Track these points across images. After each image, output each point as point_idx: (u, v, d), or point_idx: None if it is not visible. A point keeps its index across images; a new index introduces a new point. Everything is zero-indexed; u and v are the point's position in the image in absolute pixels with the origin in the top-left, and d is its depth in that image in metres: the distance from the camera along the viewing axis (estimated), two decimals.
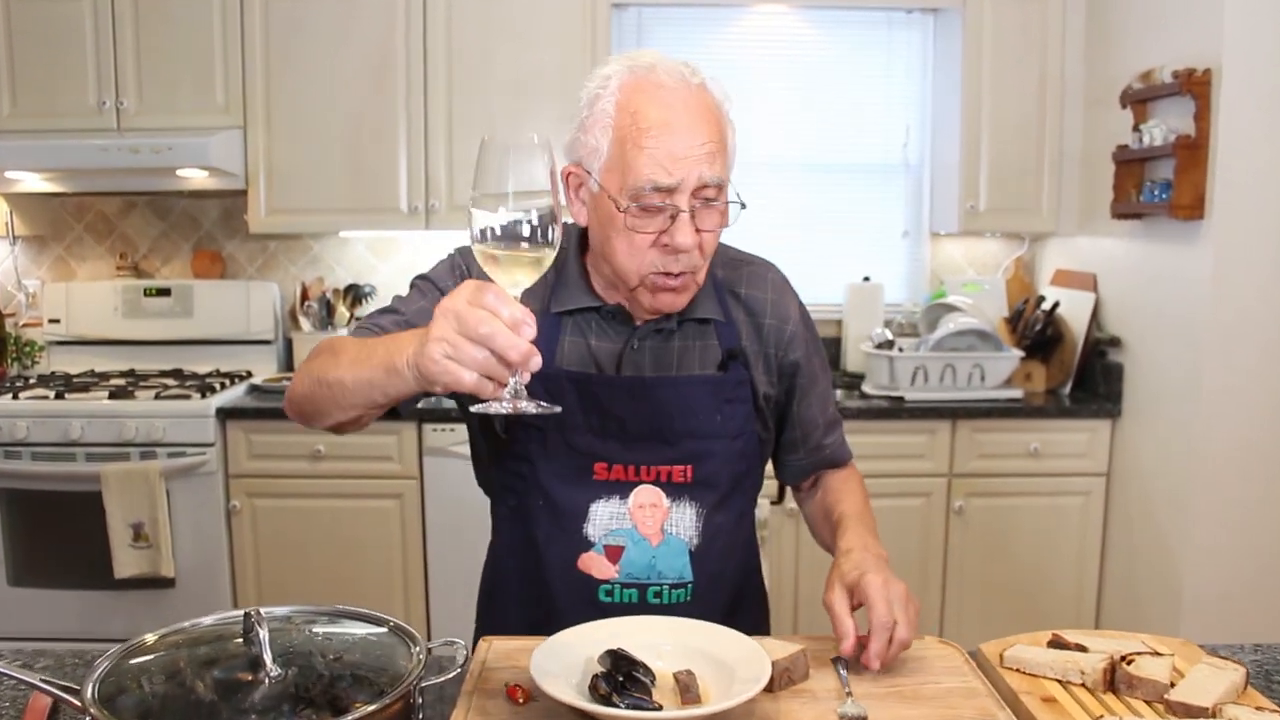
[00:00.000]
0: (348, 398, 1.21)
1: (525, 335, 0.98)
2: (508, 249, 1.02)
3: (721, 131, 1.35)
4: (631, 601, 1.42)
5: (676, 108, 1.31)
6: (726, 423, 1.45)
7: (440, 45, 3.34)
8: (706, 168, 1.30)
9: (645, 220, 1.31)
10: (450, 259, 1.54)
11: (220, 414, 3.14)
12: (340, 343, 1.30)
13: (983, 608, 3.31)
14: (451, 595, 3.25)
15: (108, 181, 3.38)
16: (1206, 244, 2.78)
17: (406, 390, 1.12)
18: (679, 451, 1.43)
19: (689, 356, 1.46)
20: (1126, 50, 3.17)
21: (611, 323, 1.46)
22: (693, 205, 1.31)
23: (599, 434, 1.42)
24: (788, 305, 1.53)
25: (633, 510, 1.43)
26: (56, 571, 3.16)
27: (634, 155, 1.30)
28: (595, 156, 1.35)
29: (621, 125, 1.32)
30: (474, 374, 0.99)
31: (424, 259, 3.75)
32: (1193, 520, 2.89)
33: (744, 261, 1.56)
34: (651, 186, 1.29)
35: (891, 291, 3.83)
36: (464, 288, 1.00)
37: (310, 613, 1.25)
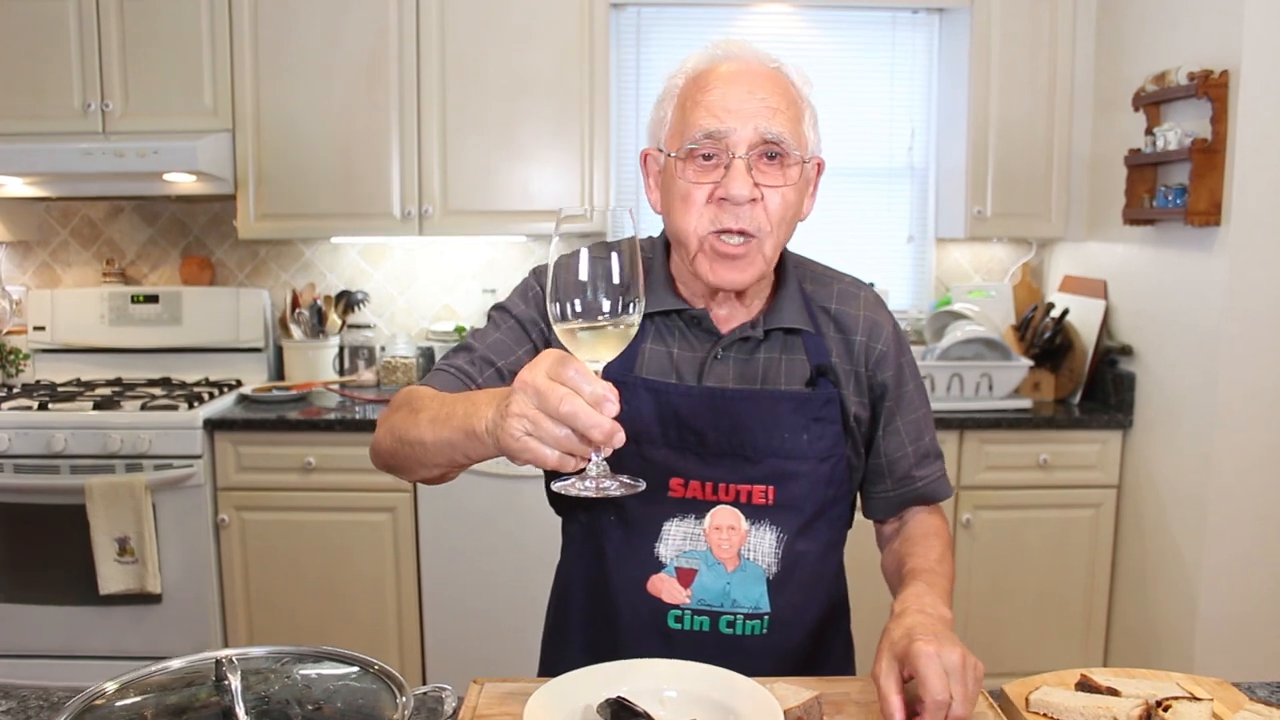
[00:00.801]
0: (430, 457, 1.17)
1: (608, 412, 0.94)
2: (588, 324, 1.00)
3: (791, 101, 1.32)
4: (703, 629, 1.34)
5: (742, 72, 1.30)
6: (814, 443, 1.36)
7: (433, 47, 3.26)
8: (765, 120, 1.27)
9: (701, 171, 1.28)
10: (524, 282, 1.46)
11: (208, 425, 3.06)
12: (419, 396, 1.24)
13: (992, 623, 3.23)
14: (446, 610, 3.16)
15: (93, 186, 3.29)
16: (1223, 251, 2.70)
17: (488, 455, 1.08)
18: (761, 470, 1.35)
19: (775, 370, 1.38)
20: (1139, 51, 3.10)
21: (695, 329, 1.39)
22: (749, 157, 1.27)
23: (676, 447, 1.35)
24: (881, 323, 1.44)
25: (709, 531, 1.34)
26: (39, 587, 3.07)
27: (691, 111, 1.29)
28: (662, 127, 1.35)
29: (685, 90, 1.33)
30: (556, 452, 0.96)
31: (418, 265, 3.69)
32: (1207, 534, 2.81)
33: (834, 278, 1.48)
34: (703, 133, 1.27)
35: (896, 298, 3.75)
36: (544, 360, 0.97)
37: (289, 654, 1.16)
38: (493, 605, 3.13)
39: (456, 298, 3.73)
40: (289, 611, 3.16)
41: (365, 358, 3.65)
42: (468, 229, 3.38)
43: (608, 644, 1.38)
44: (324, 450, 3.08)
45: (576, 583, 1.46)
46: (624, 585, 1.37)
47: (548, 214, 3.35)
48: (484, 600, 3.14)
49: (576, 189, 3.34)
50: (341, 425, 3.09)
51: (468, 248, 3.70)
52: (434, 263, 3.72)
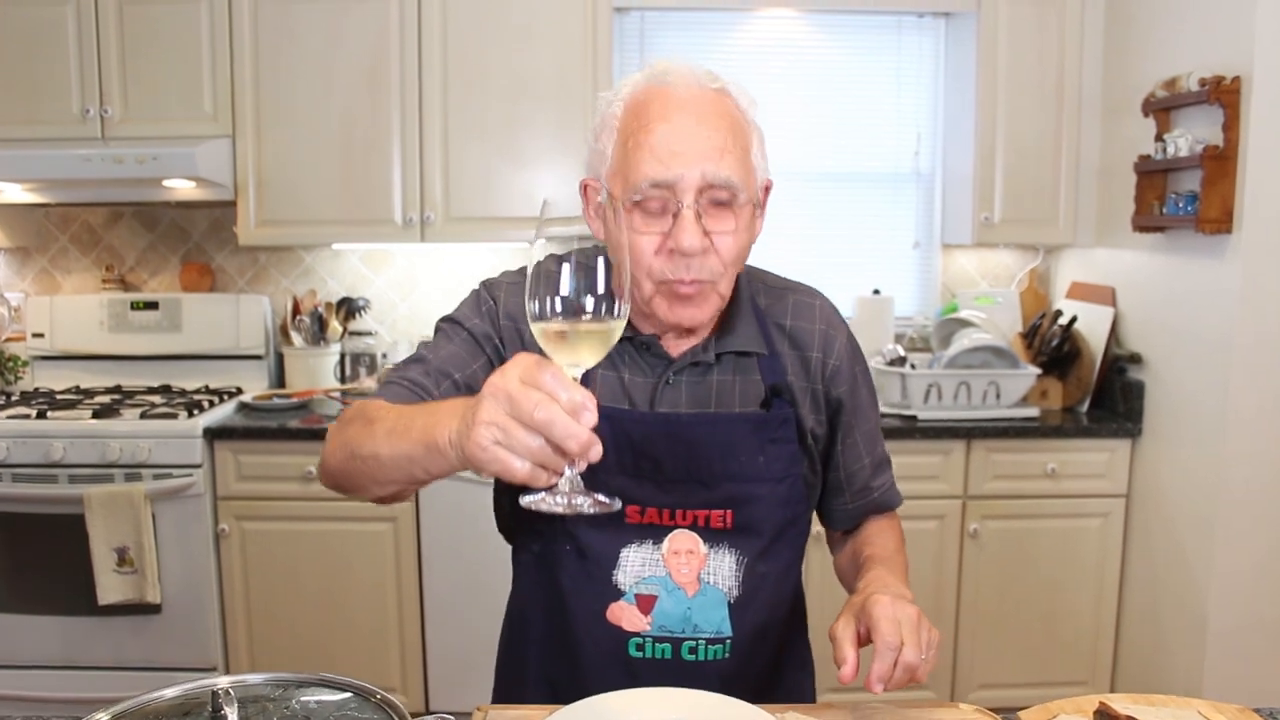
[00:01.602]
0: (385, 473, 1.10)
1: (586, 422, 0.87)
2: (569, 323, 0.93)
3: (737, 132, 1.25)
4: (664, 657, 1.31)
5: (685, 104, 1.23)
6: (770, 464, 1.33)
7: (435, 53, 3.23)
8: (712, 164, 1.20)
9: (648, 220, 1.23)
10: (475, 295, 1.42)
11: (208, 434, 3.03)
12: (374, 409, 1.15)
13: (999, 634, 3.20)
14: (447, 620, 3.13)
15: (92, 192, 3.26)
16: (1235, 259, 2.67)
17: (449, 469, 1.00)
18: (718, 495, 1.32)
19: (729, 392, 1.35)
20: (1148, 56, 3.06)
21: (645, 355, 1.35)
22: (699, 204, 1.21)
23: (632, 475, 1.31)
24: (834, 336, 1.42)
25: (667, 556, 1.31)
26: (38, 597, 3.04)
27: (634, 152, 1.23)
28: (602, 162, 1.29)
29: (625, 125, 1.26)
30: (527, 463, 0.88)
31: (419, 271, 3.66)
32: (1217, 544, 2.77)
33: (788, 290, 1.44)
34: (649, 183, 1.21)
35: (902, 304, 3.72)
36: (516, 363, 0.89)
37: (287, 681, 1.14)
38: (496, 616, 3.09)
39: None
40: (290, 623, 3.13)
41: (367, 365, 3.62)
42: (469, 236, 3.35)
43: (567, 675, 1.35)
44: None
45: (532, 615, 1.42)
46: (582, 615, 1.33)
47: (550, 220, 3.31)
48: (487, 611, 3.10)
49: (579, 195, 3.30)
50: None
51: (470, 254, 3.67)
52: (436, 269, 3.69)
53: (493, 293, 1.40)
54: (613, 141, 1.27)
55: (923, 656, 1.13)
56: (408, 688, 3.16)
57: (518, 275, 1.43)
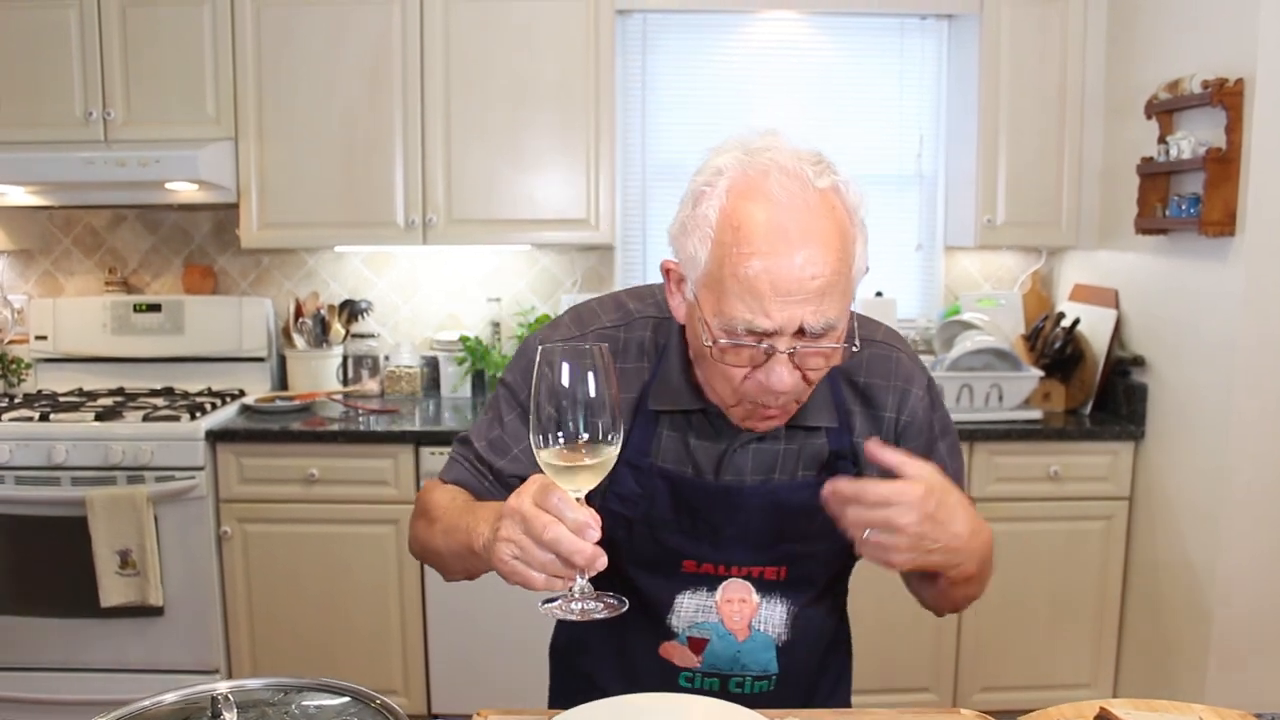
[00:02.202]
0: (451, 564, 1.29)
1: (589, 538, 0.99)
2: (569, 456, 1.04)
3: (843, 256, 1.14)
4: (712, 689, 1.36)
5: (789, 229, 1.11)
6: (827, 523, 1.25)
7: (437, 55, 3.23)
8: (813, 311, 1.12)
9: (736, 354, 1.16)
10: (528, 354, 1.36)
11: (210, 436, 3.03)
12: (434, 503, 1.32)
13: (1001, 636, 3.19)
14: (449, 623, 3.13)
15: (94, 194, 3.27)
16: (1238, 261, 2.66)
17: (489, 570, 1.12)
18: (774, 554, 1.34)
19: (793, 461, 1.33)
20: (1151, 58, 3.06)
21: (715, 421, 1.31)
22: (794, 345, 1.14)
23: (689, 534, 1.33)
24: (910, 391, 1.36)
25: (720, 604, 1.34)
26: (41, 599, 3.05)
27: (730, 283, 1.12)
28: (693, 266, 1.18)
29: (722, 240, 1.13)
30: (541, 575, 1.02)
31: (422, 274, 3.67)
32: (1221, 547, 2.77)
33: (866, 341, 1.32)
34: (744, 328, 1.13)
35: (905, 306, 3.72)
36: (530, 486, 1.03)
37: (287, 686, 1.14)
38: (498, 619, 3.10)
39: (461, 307, 3.70)
40: (292, 625, 3.14)
41: (369, 367, 3.62)
42: (472, 238, 3.35)
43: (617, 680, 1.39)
44: (327, 462, 3.06)
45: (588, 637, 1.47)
46: (636, 647, 1.39)
47: (553, 223, 3.32)
48: (489, 614, 3.11)
49: (582, 198, 3.31)
50: (345, 436, 3.06)
51: (472, 256, 3.67)
52: (438, 271, 3.69)
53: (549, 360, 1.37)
54: (707, 250, 1.15)
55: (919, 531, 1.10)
56: (409, 690, 3.16)
57: (574, 328, 1.38)
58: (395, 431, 3.06)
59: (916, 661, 3.20)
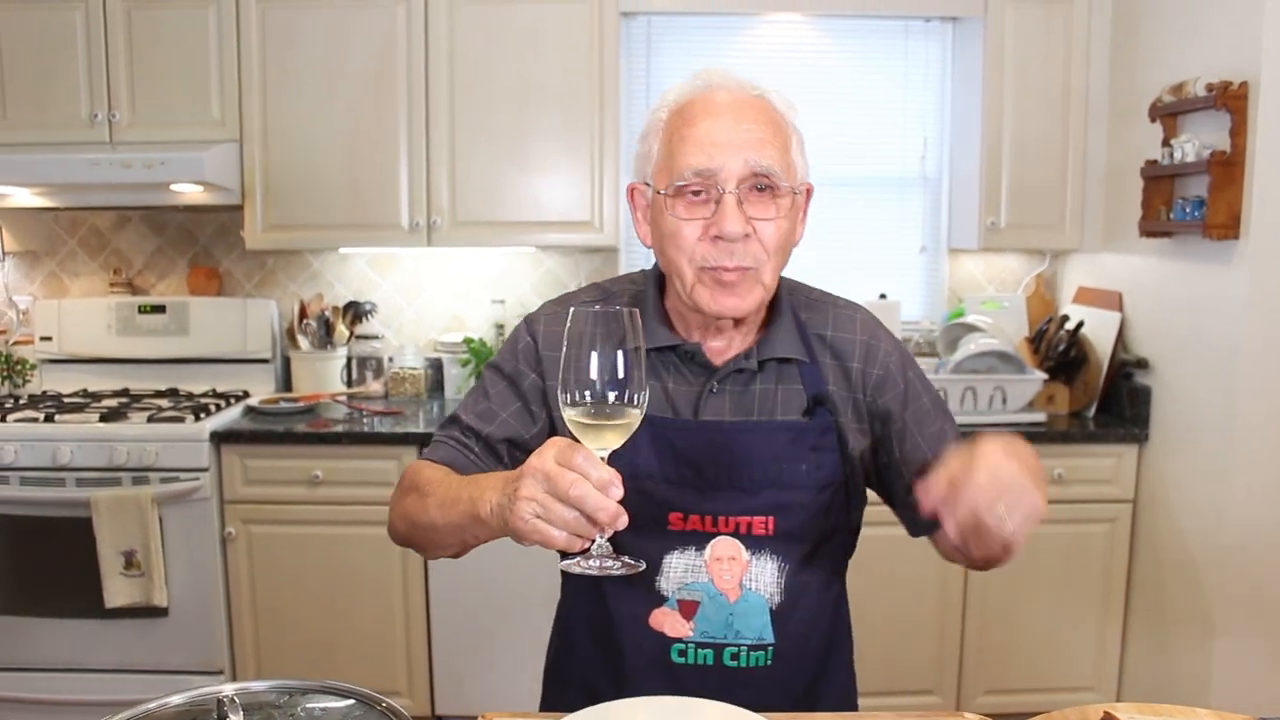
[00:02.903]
0: (442, 539, 1.25)
1: (614, 496, 1.00)
2: (595, 415, 1.05)
3: (778, 130, 1.30)
4: (706, 663, 1.34)
5: (727, 102, 1.29)
6: (813, 472, 1.35)
7: (442, 56, 3.23)
8: (754, 153, 1.26)
9: (691, 207, 1.28)
10: (515, 334, 1.47)
11: (214, 438, 3.03)
12: (426, 479, 1.30)
13: (1004, 639, 3.19)
14: (453, 625, 3.14)
15: (100, 196, 3.28)
16: (1242, 265, 2.66)
17: (493, 535, 1.14)
18: (759, 502, 1.34)
19: (771, 401, 1.37)
20: (1155, 61, 3.06)
21: (689, 364, 1.38)
22: (740, 191, 1.26)
23: (675, 482, 1.34)
24: (878, 346, 1.42)
25: (709, 563, 1.34)
26: (45, 600, 3.05)
27: (678, 146, 1.28)
28: (648, 162, 1.34)
29: (670, 125, 1.32)
30: (564, 533, 1.01)
31: (426, 275, 3.67)
32: (1225, 550, 2.77)
33: (829, 303, 1.46)
34: (692, 171, 1.26)
35: (908, 309, 3.72)
36: (552, 447, 1.02)
37: (292, 688, 1.14)
38: (502, 622, 3.11)
39: (465, 308, 3.70)
40: (296, 626, 3.14)
41: (373, 369, 3.62)
42: (476, 240, 3.35)
43: (610, 681, 1.37)
44: (331, 463, 3.06)
45: (577, 621, 1.45)
46: (626, 621, 1.36)
47: (557, 225, 3.32)
48: (493, 616, 3.11)
49: (586, 200, 3.31)
50: (349, 438, 3.06)
51: (476, 258, 3.68)
52: (442, 273, 3.70)
53: (531, 329, 1.45)
54: (658, 141, 1.32)
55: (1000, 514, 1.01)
56: (413, 691, 3.16)
57: (556, 305, 1.47)
58: (399, 433, 3.07)
59: (921, 664, 3.20)
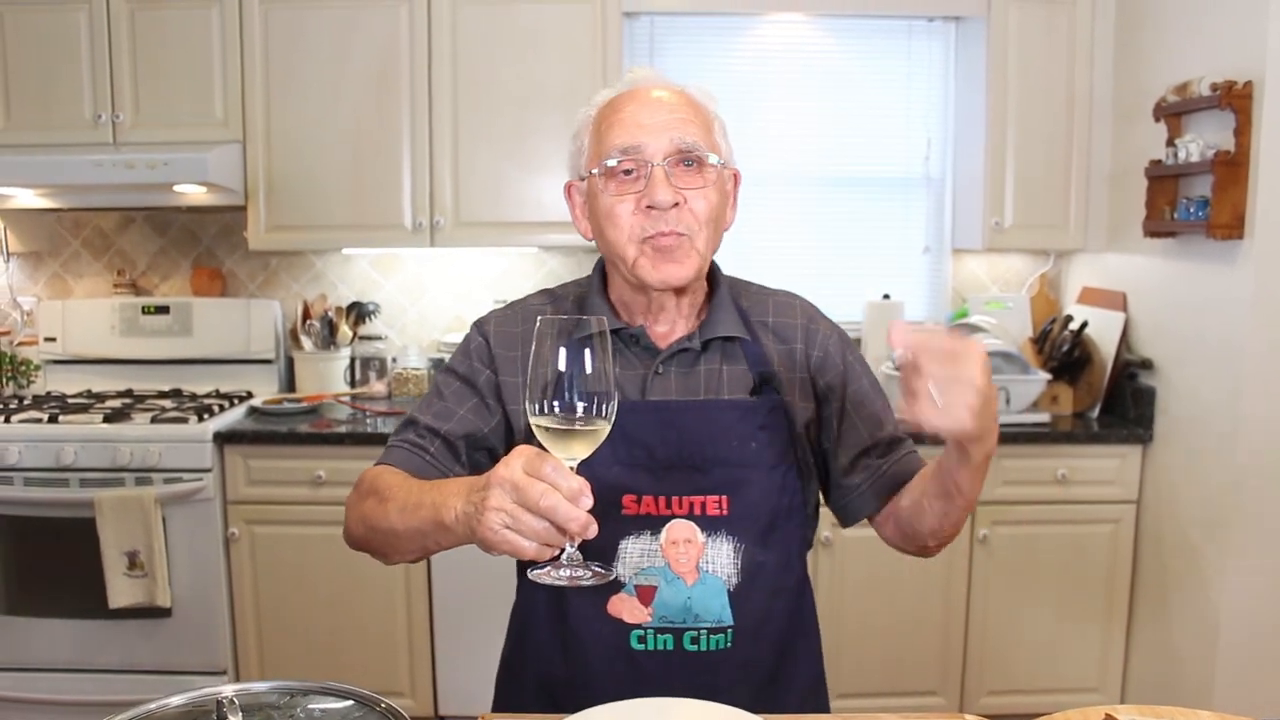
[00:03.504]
0: (402, 544, 1.23)
1: (584, 506, 0.99)
2: (564, 424, 1.04)
3: (699, 111, 1.38)
4: (667, 648, 1.34)
5: (649, 91, 1.37)
6: (762, 450, 1.37)
7: (445, 57, 3.23)
8: (678, 131, 1.32)
9: (622, 185, 1.33)
10: (467, 338, 1.49)
11: (218, 438, 3.04)
12: (385, 484, 1.28)
13: (1008, 639, 3.19)
14: (456, 625, 3.14)
15: (103, 197, 3.29)
16: (1247, 265, 2.66)
17: (457, 543, 1.12)
18: (712, 480, 1.35)
19: (716, 380, 1.39)
20: (1160, 61, 3.05)
21: (633, 347, 1.41)
22: (667, 165, 1.32)
23: (625, 464, 1.35)
24: (818, 330, 1.47)
25: (665, 547, 1.34)
26: (49, 600, 3.06)
27: (605, 132, 1.35)
28: (580, 155, 1.41)
29: (598, 118, 1.39)
30: (534, 544, 1.00)
31: (429, 276, 3.67)
32: (1230, 551, 2.76)
33: (768, 294, 1.52)
34: (619, 150, 1.32)
35: (912, 309, 3.71)
36: (519, 456, 1.01)
37: (292, 689, 1.14)
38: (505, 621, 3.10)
39: (468, 309, 3.70)
40: (299, 627, 3.14)
41: (376, 369, 3.63)
42: (479, 240, 3.36)
43: (568, 674, 1.37)
44: (334, 463, 3.06)
45: (534, 618, 1.45)
46: (583, 610, 1.37)
47: (560, 225, 3.32)
48: (496, 616, 3.10)
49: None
50: (352, 438, 3.07)
51: (480, 258, 3.68)
52: (445, 274, 3.70)
53: (482, 330, 1.48)
54: (588, 135, 1.39)
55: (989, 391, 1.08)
56: (416, 692, 3.16)
57: (506, 310, 1.52)
58: None
59: (924, 664, 3.19)
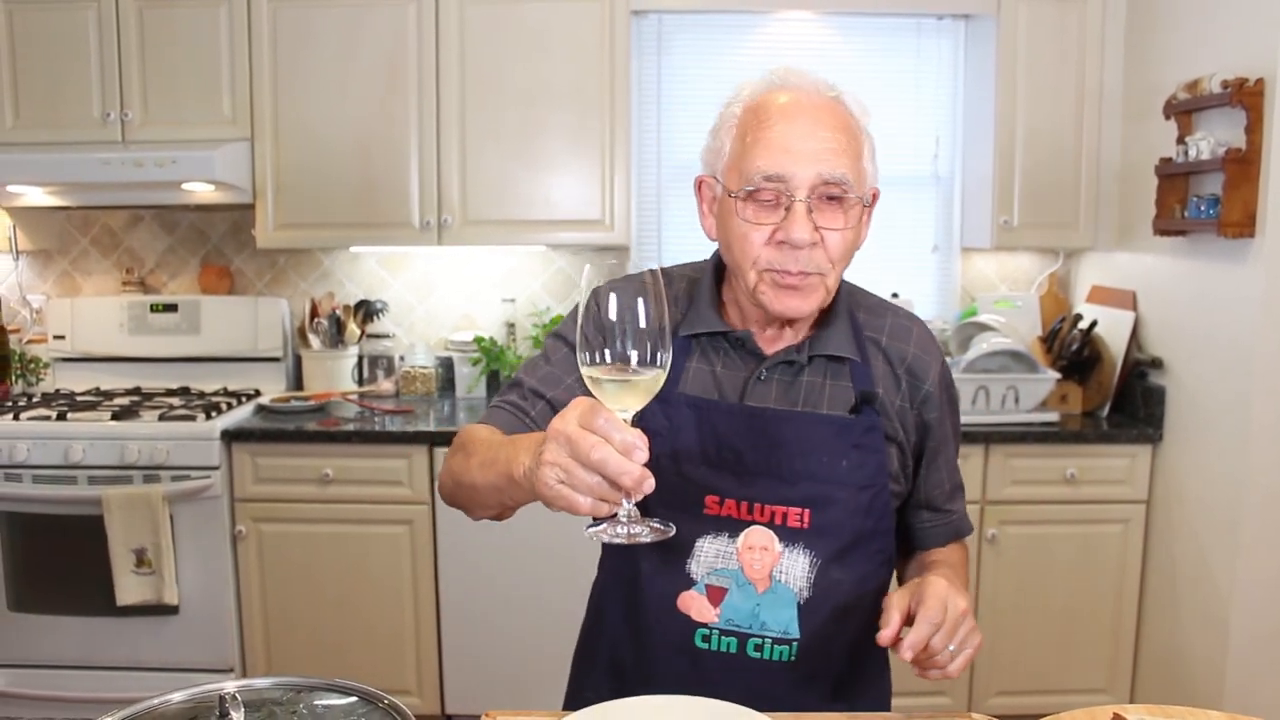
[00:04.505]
0: (484, 499, 1.24)
1: (637, 459, 0.97)
2: (616, 374, 1.02)
3: (852, 136, 1.30)
4: (729, 651, 1.33)
5: (802, 104, 1.28)
6: (853, 470, 1.34)
7: (453, 56, 3.23)
8: (827, 164, 1.25)
9: (760, 212, 1.27)
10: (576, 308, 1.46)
11: (225, 436, 3.04)
12: (473, 439, 1.29)
13: (1017, 640, 3.17)
14: (463, 623, 3.14)
15: (112, 195, 3.29)
16: (1257, 263, 2.64)
17: (529, 499, 1.11)
18: (797, 493, 1.33)
19: (818, 394, 1.37)
20: (1170, 59, 3.03)
21: (739, 351, 1.39)
22: (810, 199, 1.25)
23: (714, 465, 1.34)
24: (930, 362, 1.43)
25: (741, 551, 1.33)
26: (57, 597, 3.07)
27: (751, 147, 1.28)
28: (719, 158, 1.34)
29: (744, 123, 1.30)
30: (589, 499, 0.99)
31: (437, 274, 3.68)
32: (1240, 551, 2.74)
33: (888, 310, 1.47)
34: (762, 175, 1.25)
35: (921, 308, 3.70)
36: (574, 409, 1.00)
37: (295, 685, 1.13)
38: (512, 620, 3.10)
39: (476, 307, 3.70)
40: (306, 624, 3.15)
41: (384, 367, 3.63)
42: (487, 239, 3.35)
43: (635, 662, 1.38)
44: (342, 462, 3.06)
45: (610, 601, 1.46)
46: (655, 601, 1.36)
47: (568, 224, 3.32)
48: (503, 614, 3.11)
49: (597, 198, 3.31)
50: (360, 436, 3.07)
51: (487, 257, 3.68)
52: (453, 272, 3.70)
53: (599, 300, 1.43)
54: (731, 137, 1.32)
55: (950, 648, 1.15)
56: (423, 690, 3.16)
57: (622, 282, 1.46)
58: (410, 432, 3.07)
59: None
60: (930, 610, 1.15)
